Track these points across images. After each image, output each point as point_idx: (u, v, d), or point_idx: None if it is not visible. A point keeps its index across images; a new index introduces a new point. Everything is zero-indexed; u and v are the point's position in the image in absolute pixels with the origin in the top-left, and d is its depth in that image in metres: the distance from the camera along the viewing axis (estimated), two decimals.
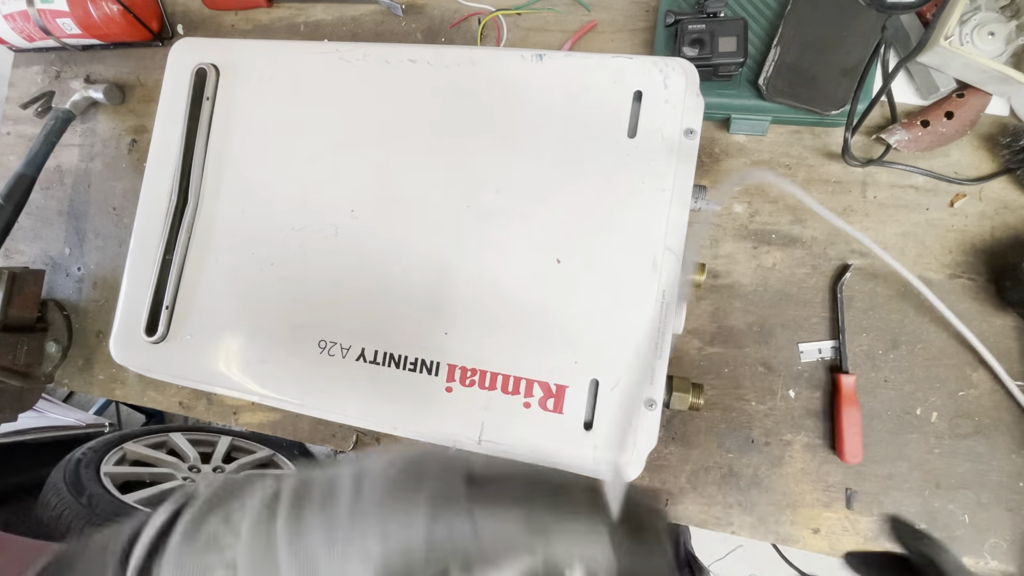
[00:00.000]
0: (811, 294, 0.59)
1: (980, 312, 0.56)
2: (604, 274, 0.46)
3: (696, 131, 0.46)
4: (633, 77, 0.47)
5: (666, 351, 0.45)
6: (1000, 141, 0.56)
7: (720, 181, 0.61)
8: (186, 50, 0.55)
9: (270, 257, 0.51)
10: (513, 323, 0.47)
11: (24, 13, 0.70)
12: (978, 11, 0.53)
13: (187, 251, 0.53)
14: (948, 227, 0.58)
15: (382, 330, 0.49)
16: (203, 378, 0.52)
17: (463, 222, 0.48)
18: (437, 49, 0.51)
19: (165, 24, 0.77)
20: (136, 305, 0.53)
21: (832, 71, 0.55)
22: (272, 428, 0.69)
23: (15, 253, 0.80)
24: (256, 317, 0.51)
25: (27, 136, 0.82)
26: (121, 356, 0.54)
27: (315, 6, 0.73)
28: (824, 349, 0.58)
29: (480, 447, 0.46)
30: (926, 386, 0.56)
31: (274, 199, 0.52)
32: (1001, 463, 0.54)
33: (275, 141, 0.53)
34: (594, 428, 0.45)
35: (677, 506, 0.59)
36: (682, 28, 0.55)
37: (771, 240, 0.60)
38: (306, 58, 0.53)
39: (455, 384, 0.47)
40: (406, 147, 0.50)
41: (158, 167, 0.55)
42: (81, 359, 0.75)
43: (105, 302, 0.75)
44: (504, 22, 0.67)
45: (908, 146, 0.57)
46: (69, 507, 0.90)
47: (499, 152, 0.48)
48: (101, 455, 1.07)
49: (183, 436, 1.28)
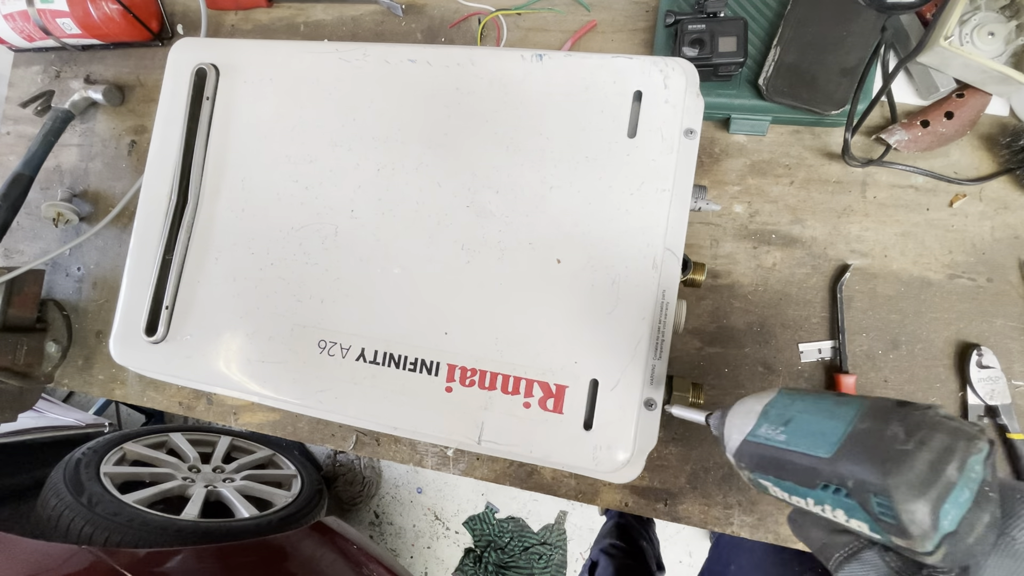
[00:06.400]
0: (811, 294, 0.59)
1: (980, 312, 0.56)
2: (604, 274, 0.46)
3: (696, 131, 0.46)
4: (633, 77, 0.47)
5: (666, 351, 0.45)
6: (1000, 141, 0.56)
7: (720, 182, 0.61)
8: (186, 50, 0.55)
9: (270, 257, 0.51)
10: (513, 323, 0.47)
11: (24, 13, 0.70)
12: (978, 11, 0.53)
13: (187, 251, 0.53)
14: (948, 227, 0.58)
15: (382, 330, 0.49)
16: (203, 378, 0.52)
17: (463, 222, 0.48)
18: (437, 49, 0.51)
19: (165, 24, 0.77)
20: (136, 305, 0.53)
21: (832, 71, 0.55)
22: (272, 428, 0.69)
23: (14, 253, 0.80)
24: (256, 317, 0.51)
25: (27, 136, 0.82)
26: (121, 356, 0.54)
27: (315, 6, 0.73)
28: (824, 349, 0.58)
29: (480, 447, 0.46)
30: (926, 386, 0.56)
31: (274, 199, 0.52)
32: (1000, 463, 0.54)
33: (275, 141, 0.53)
34: (594, 428, 0.45)
35: (677, 506, 0.59)
36: (682, 28, 0.55)
37: (771, 240, 0.60)
38: (306, 58, 0.53)
39: (455, 384, 0.47)
40: (406, 147, 0.50)
41: (158, 167, 0.55)
42: (81, 359, 0.75)
43: (105, 302, 0.75)
44: (504, 22, 0.67)
45: (908, 146, 0.57)
46: (69, 507, 0.90)
47: (499, 152, 0.48)
48: (101, 455, 1.07)
49: (183, 436, 1.28)
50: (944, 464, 0.26)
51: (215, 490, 1.13)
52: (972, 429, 0.27)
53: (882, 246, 0.58)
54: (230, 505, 1.12)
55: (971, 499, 0.26)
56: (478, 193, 0.48)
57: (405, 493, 1.69)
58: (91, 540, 0.85)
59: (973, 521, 0.25)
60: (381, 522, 1.70)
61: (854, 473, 0.28)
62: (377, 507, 1.71)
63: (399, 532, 1.69)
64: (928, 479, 0.25)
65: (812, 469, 0.29)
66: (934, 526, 0.25)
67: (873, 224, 0.59)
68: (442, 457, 0.64)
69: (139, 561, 0.77)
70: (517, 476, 0.62)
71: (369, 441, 0.67)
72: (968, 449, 0.26)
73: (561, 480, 0.62)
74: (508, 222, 0.47)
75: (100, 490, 0.95)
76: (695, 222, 0.61)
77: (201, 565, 0.81)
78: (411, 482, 1.69)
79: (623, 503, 0.60)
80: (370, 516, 1.71)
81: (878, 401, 0.30)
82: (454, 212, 0.48)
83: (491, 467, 0.63)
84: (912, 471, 0.26)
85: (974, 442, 0.26)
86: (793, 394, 0.34)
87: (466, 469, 0.63)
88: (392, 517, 1.70)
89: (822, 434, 0.30)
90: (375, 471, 1.71)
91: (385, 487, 1.71)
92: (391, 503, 1.70)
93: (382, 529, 1.70)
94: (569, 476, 0.61)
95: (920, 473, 0.26)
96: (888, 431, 0.28)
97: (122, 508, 0.92)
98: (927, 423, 0.27)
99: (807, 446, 0.30)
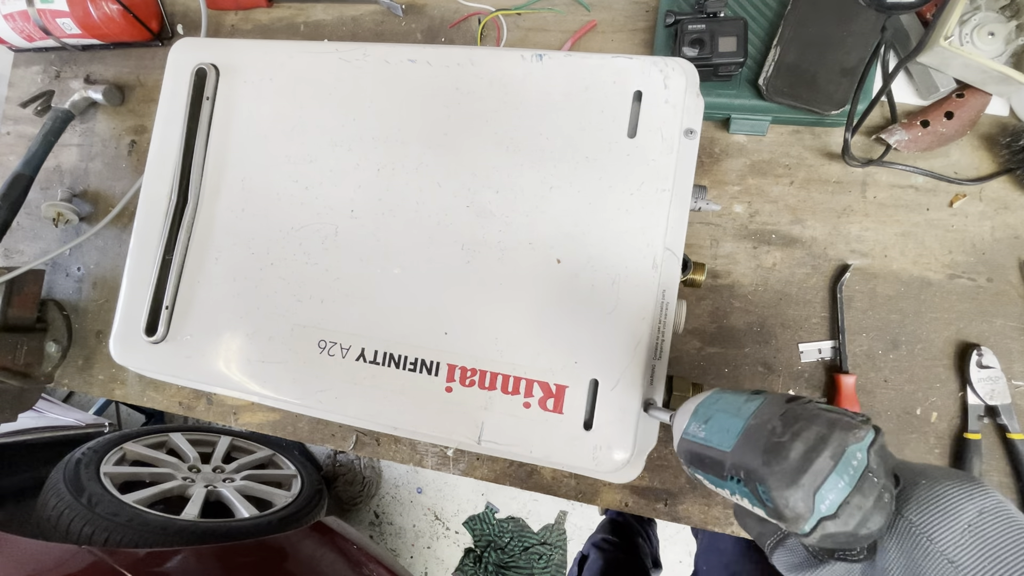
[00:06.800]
0: (811, 294, 0.59)
1: (980, 312, 0.56)
2: (604, 274, 0.46)
3: (696, 131, 0.46)
4: (633, 77, 0.47)
5: (666, 351, 0.45)
6: (1000, 141, 0.56)
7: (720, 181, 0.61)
8: (186, 50, 0.55)
9: (270, 257, 0.51)
10: (513, 323, 0.47)
11: (24, 13, 0.70)
12: (978, 11, 0.53)
13: (187, 251, 0.53)
14: (948, 227, 0.58)
15: (382, 330, 0.49)
16: (203, 378, 0.52)
17: (463, 222, 0.48)
18: (437, 49, 0.51)
19: (165, 24, 0.77)
20: (136, 305, 0.53)
21: (832, 71, 0.55)
22: (272, 428, 0.69)
23: (14, 253, 0.80)
24: (256, 317, 0.51)
25: (27, 136, 0.82)
26: (121, 356, 0.54)
27: (315, 6, 0.73)
28: (824, 349, 0.58)
29: (480, 447, 0.46)
30: (926, 386, 0.56)
31: (274, 199, 0.52)
32: (1000, 463, 0.54)
33: (275, 141, 0.53)
34: (594, 428, 0.45)
35: (677, 506, 0.59)
36: (682, 28, 0.55)
37: (771, 240, 0.60)
38: (306, 58, 0.53)
39: (455, 384, 0.47)
40: (406, 147, 0.50)
41: (158, 167, 0.55)
42: (81, 359, 0.75)
43: (105, 302, 0.75)
44: (504, 22, 0.67)
45: (908, 146, 0.57)
46: (69, 507, 0.90)
47: (499, 152, 0.48)
48: (101, 455, 1.07)
49: (183, 436, 1.28)
50: (816, 453, 0.28)
51: (215, 490, 1.13)
52: (853, 419, 0.29)
53: (882, 246, 0.58)
54: (230, 505, 1.12)
55: (851, 485, 0.27)
56: (478, 193, 0.48)
57: (405, 493, 1.69)
58: (91, 540, 0.85)
59: (858, 505, 0.27)
60: (381, 522, 1.70)
61: (745, 464, 0.30)
62: (377, 507, 1.70)
63: (399, 532, 1.69)
64: (800, 467, 0.28)
65: (720, 463, 0.32)
66: (809, 510, 0.27)
67: (873, 224, 0.59)
68: (442, 457, 0.64)
69: (139, 561, 0.77)
70: (517, 476, 0.62)
71: (369, 441, 0.67)
72: (845, 438, 0.28)
73: (561, 480, 0.61)
74: (508, 222, 0.47)
75: (100, 490, 0.95)
76: (695, 222, 0.61)
77: (201, 565, 0.81)
78: (411, 482, 1.69)
79: (623, 503, 0.60)
80: (370, 516, 1.71)
81: (772, 397, 0.33)
82: (454, 212, 0.48)
83: (491, 467, 0.63)
84: (786, 461, 0.28)
85: (853, 431, 0.28)
86: (720, 393, 0.36)
87: (466, 469, 0.63)
88: (392, 517, 1.70)
89: (727, 430, 0.33)
90: (375, 471, 1.71)
91: (385, 487, 1.71)
92: (391, 503, 1.70)
93: (382, 529, 1.70)
94: (569, 476, 0.61)
95: (793, 462, 0.28)
96: (769, 425, 0.30)
97: (122, 508, 0.92)
98: (804, 416, 0.30)
99: (717, 441, 0.33)
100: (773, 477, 0.28)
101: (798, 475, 0.28)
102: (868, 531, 0.27)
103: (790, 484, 0.28)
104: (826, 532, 0.27)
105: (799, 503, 0.28)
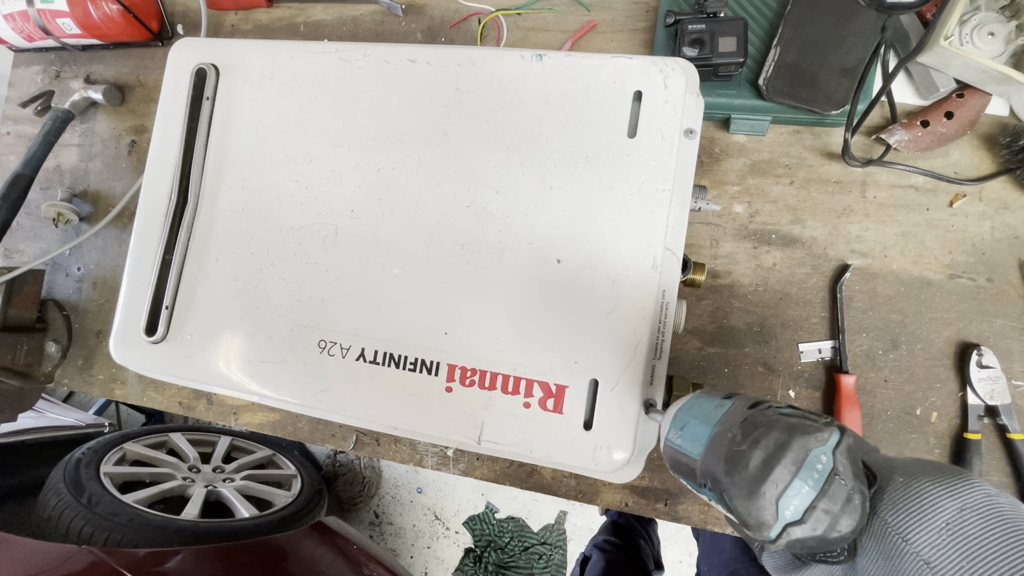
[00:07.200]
0: (811, 294, 0.59)
1: (980, 312, 0.56)
2: (604, 274, 0.46)
3: (696, 131, 0.46)
4: (633, 77, 0.47)
5: (666, 351, 0.45)
6: (1000, 141, 0.56)
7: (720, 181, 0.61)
8: (186, 50, 0.55)
9: (270, 257, 0.51)
10: (513, 323, 0.47)
11: (24, 13, 0.70)
12: (978, 11, 0.53)
13: (187, 251, 0.53)
14: (948, 227, 0.58)
15: (382, 330, 0.49)
16: (203, 378, 0.52)
17: (463, 222, 0.48)
18: (437, 49, 0.50)
19: (165, 24, 0.77)
20: (136, 305, 0.53)
21: (832, 71, 0.55)
22: (272, 428, 0.69)
23: (14, 253, 0.80)
24: (256, 317, 0.51)
25: (27, 136, 0.82)
26: (121, 356, 0.54)
27: (315, 6, 0.73)
28: (824, 349, 0.58)
29: (480, 447, 0.46)
30: (926, 386, 0.56)
31: (274, 199, 0.52)
32: (1000, 463, 0.54)
33: (275, 141, 0.53)
34: (594, 428, 0.45)
35: (677, 506, 0.59)
36: (682, 28, 0.55)
37: (771, 240, 0.60)
38: (306, 58, 0.53)
39: (455, 384, 0.47)
40: (406, 147, 0.50)
41: (158, 167, 0.55)
42: (81, 359, 0.75)
43: (105, 302, 0.75)
44: (504, 22, 0.67)
45: (908, 146, 0.57)
46: (69, 507, 0.90)
47: (499, 152, 0.48)
48: (101, 455, 1.07)
49: (183, 436, 1.28)
50: (776, 460, 0.27)
51: (215, 490, 1.13)
52: (816, 422, 0.29)
53: (882, 246, 0.58)
54: (230, 505, 1.12)
55: (816, 489, 0.27)
56: (478, 193, 0.48)
57: (405, 493, 1.69)
58: (91, 540, 0.85)
59: (825, 509, 0.27)
60: (381, 522, 1.70)
61: (711, 473, 0.30)
62: (377, 507, 1.70)
63: (399, 532, 1.69)
64: (760, 476, 0.27)
65: (692, 470, 0.32)
66: (773, 517, 0.27)
67: (873, 224, 0.59)
68: (442, 457, 0.64)
69: (139, 561, 0.77)
70: (517, 476, 0.62)
71: (369, 441, 0.67)
72: (807, 443, 0.28)
73: (561, 480, 0.61)
74: (508, 222, 0.47)
75: (100, 490, 0.95)
76: (695, 222, 0.61)
77: (201, 565, 0.81)
78: (411, 482, 1.69)
79: (623, 503, 0.60)
80: (370, 516, 1.71)
81: (738, 401, 0.32)
82: (454, 212, 0.48)
83: (491, 467, 0.63)
84: (746, 470, 0.28)
85: (815, 435, 0.28)
86: (697, 398, 0.36)
87: (466, 469, 0.63)
88: (392, 517, 1.70)
89: (697, 438, 0.33)
90: (375, 471, 1.71)
91: (385, 487, 1.71)
92: (391, 503, 1.70)
93: (382, 529, 1.70)
94: (569, 476, 0.61)
95: (753, 471, 0.28)
96: (730, 433, 0.30)
97: (122, 508, 0.92)
98: (764, 422, 0.29)
99: (689, 449, 0.33)
100: (735, 487, 0.28)
101: (758, 484, 0.27)
102: (840, 534, 0.27)
103: (751, 493, 0.27)
104: (793, 538, 0.27)
105: (762, 511, 0.27)
